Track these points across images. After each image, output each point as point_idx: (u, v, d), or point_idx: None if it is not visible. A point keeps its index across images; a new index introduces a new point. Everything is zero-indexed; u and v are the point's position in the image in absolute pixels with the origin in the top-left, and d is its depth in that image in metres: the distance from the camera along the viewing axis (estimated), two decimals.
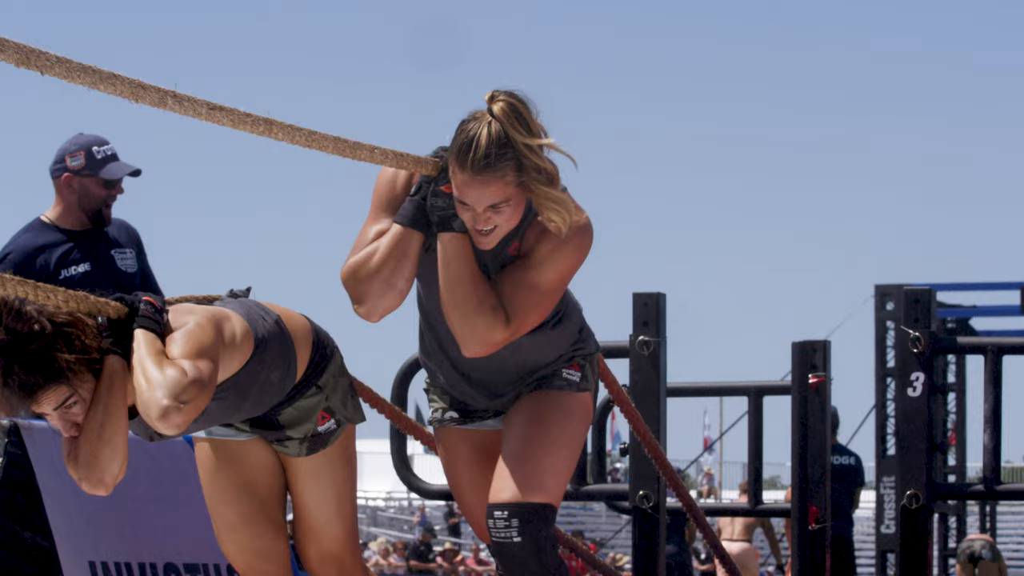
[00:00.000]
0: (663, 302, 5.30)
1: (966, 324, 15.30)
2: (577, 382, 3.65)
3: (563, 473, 3.54)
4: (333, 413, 3.61)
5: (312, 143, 3.15)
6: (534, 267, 3.45)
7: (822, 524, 5.58)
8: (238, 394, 3.44)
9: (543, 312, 3.49)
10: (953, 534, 15.14)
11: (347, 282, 3.47)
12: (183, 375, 3.15)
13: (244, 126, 3.00)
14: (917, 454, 5.26)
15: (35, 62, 2.56)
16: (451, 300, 3.42)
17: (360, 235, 3.50)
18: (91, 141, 5.06)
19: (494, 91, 3.37)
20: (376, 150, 3.31)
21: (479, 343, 3.43)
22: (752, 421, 5.99)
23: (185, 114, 2.88)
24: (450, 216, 3.41)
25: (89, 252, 5.02)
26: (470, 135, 3.33)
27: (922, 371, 5.20)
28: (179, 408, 3.11)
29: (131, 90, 2.74)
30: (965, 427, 14.12)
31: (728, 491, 29.75)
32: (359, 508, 30.83)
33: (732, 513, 8.53)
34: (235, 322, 3.38)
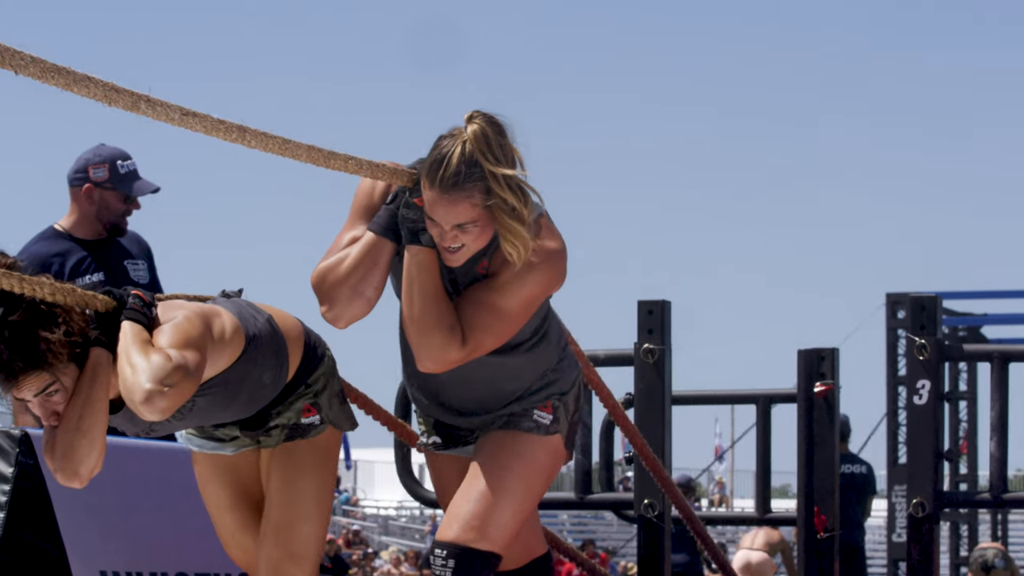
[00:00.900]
0: (668, 310, 5.29)
1: (978, 332, 15.27)
2: (547, 425, 3.59)
3: (515, 525, 3.52)
4: (319, 409, 3.59)
5: (286, 151, 3.14)
6: (497, 289, 3.41)
7: (831, 533, 5.57)
8: (228, 391, 3.43)
9: (503, 335, 3.45)
10: (965, 542, 15.11)
11: (316, 286, 3.47)
12: (167, 360, 3.14)
13: (217, 132, 2.99)
14: (923, 463, 5.26)
15: (9, 61, 2.55)
16: (409, 313, 3.42)
17: (335, 240, 3.49)
18: (115, 155, 5.09)
19: (473, 111, 3.36)
20: (351, 160, 3.31)
21: (432, 359, 3.41)
22: (760, 429, 5.98)
23: (158, 119, 2.87)
24: (420, 229, 3.40)
25: (103, 262, 5.04)
26: (442, 152, 3.33)
27: (928, 379, 5.19)
28: (163, 392, 3.09)
29: (104, 93, 2.74)
30: (977, 435, 14.10)
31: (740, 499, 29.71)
32: (370, 517, 30.73)
33: (741, 522, 8.52)
34: (225, 319, 3.38)
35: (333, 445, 3.66)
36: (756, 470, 6.05)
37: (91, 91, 2.71)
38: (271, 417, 3.59)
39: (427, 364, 3.43)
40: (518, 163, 3.35)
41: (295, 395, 3.58)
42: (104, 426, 3.22)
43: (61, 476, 3.23)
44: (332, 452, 3.66)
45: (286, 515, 3.58)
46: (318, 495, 3.59)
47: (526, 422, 3.57)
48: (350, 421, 3.69)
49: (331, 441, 3.64)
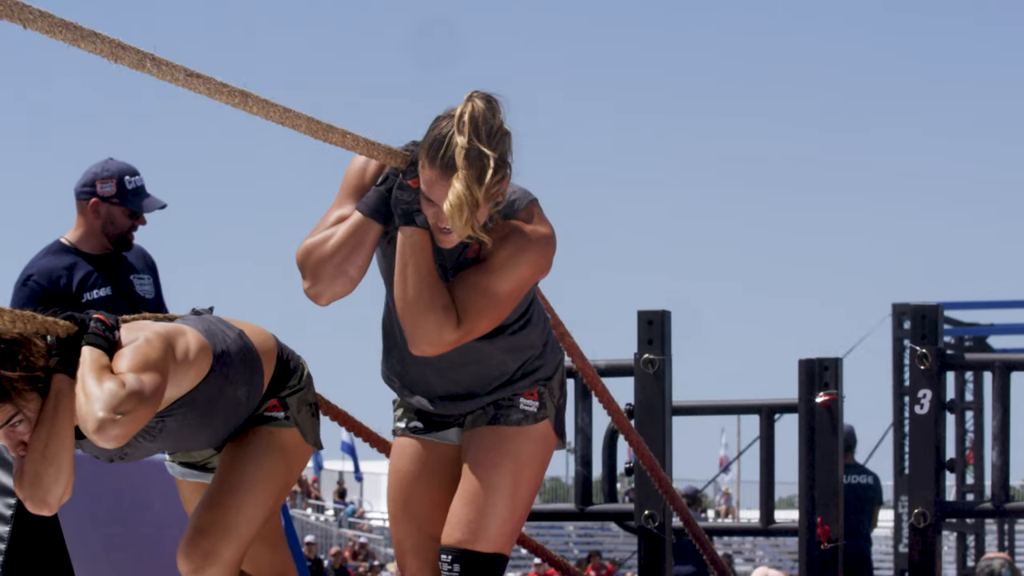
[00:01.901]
0: (668, 320, 5.28)
1: (983, 342, 15.25)
2: (534, 413, 3.60)
3: (513, 522, 3.53)
4: (285, 407, 3.56)
5: (285, 120, 3.13)
6: (491, 272, 3.42)
7: (835, 543, 5.56)
8: (198, 411, 3.41)
9: (496, 318, 3.46)
10: (972, 552, 15.07)
11: (300, 262, 3.47)
12: (121, 387, 3.13)
13: (220, 96, 2.97)
14: (925, 472, 5.25)
15: (19, 15, 2.54)
16: (403, 295, 3.41)
17: (323, 217, 3.50)
18: (123, 170, 5.08)
19: (473, 91, 3.36)
20: (348, 135, 3.31)
21: (427, 342, 3.41)
22: (764, 439, 5.97)
23: (163, 78, 2.84)
24: (414, 211, 3.40)
25: (109, 276, 5.03)
26: (442, 132, 3.33)
27: (929, 388, 5.19)
28: (115, 420, 3.08)
29: (111, 49, 2.72)
30: (983, 446, 14.08)
31: (746, 510, 29.66)
32: (376, 529, 30.61)
33: (745, 532, 8.50)
34: (190, 337, 3.37)
35: (297, 451, 3.57)
36: (760, 481, 6.04)
37: (97, 47, 2.69)
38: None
39: (422, 347, 3.43)
40: (507, 142, 3.35)
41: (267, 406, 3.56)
42: (70, 452, 3.21)
43: (30, 504, 3.21)
44: (289, 454, 3.56)
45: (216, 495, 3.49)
46: (256, 488, 3.48)
47: (514, 414, 3.58)
48: (316, 437, 3.63)
49: (295, 444, 3.57)
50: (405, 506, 3.69)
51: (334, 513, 29.28)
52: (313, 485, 29.97)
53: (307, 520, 26.39)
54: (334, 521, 28.45)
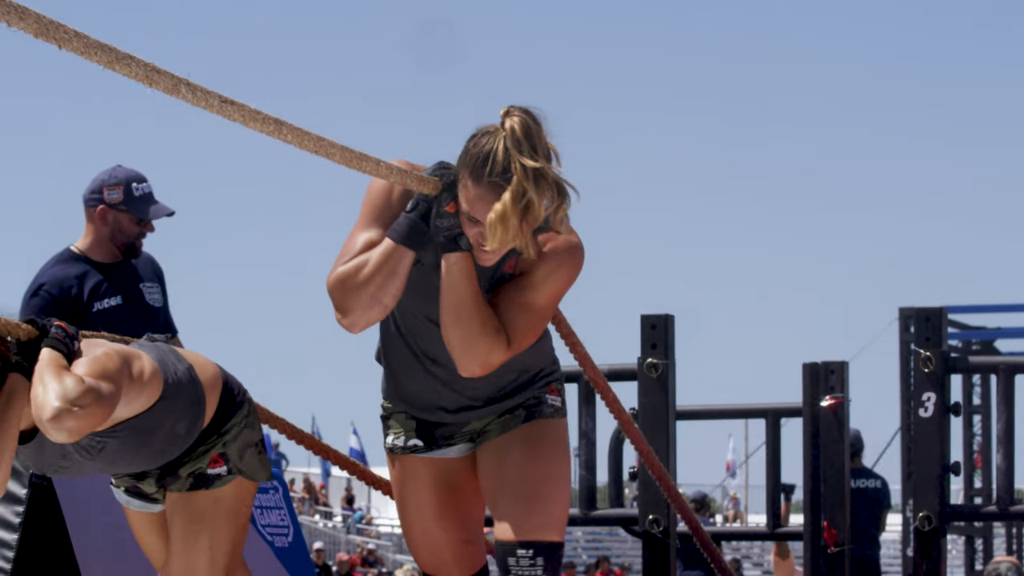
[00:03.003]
0: (672, 324, 5.28)
1: (990, 346, 15.24)
2: (560, 407, 3.65)
3: (567, 508, 3.59)
4: (227, 460, 3.58)
5: (319, 149, 3.09)
6: (531, 288, 3.44)
7: (841, 547, 5.55)
8: (139, 436, 3.43)
9: (538, 333, 3.51)
10: (980, 556, 15.05)
11: (333, 291, 3.43)
12: (80, 383, 3.14)
13: (255, 124, 2.93)
14: (930, 476, 5.25)
15: (54, 34, 2.50)
16: (454, 320, 3.40)
17: (348, 241, 3.46)
18: (131, 177, 5.06)
19: (509, 106, 3.34)
20: (381, 164, 3.27)
21: (478, 364, 3.42)
22: (770, 444, 5.95)
23: (197, 104, 2.80)
24: (456, 235, 3.39)
25: (120, 285, 5.01)
26: (485, 149, 3.30)
27: (933, 391, 5.18)
28: (71, 411, 3.09)
29: (146, 73, 2.67)
30: (991, 448, 14.03)
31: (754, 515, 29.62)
32: (385, 535, 30.62)
33: (752, 537, 8.49)
34: (145, 361, 3.39)
35: (243, 497, 3.62)
36: (766, 485, 6.02)
37: (132, 71, 2.65)
38: (182, 467, 3.59)
39: (473, 368, 3.43)
40: (554, 157, 3.33)
41: (207, 444, 3.57)
42: (11, 453, 3.22)
43: None
44: (239, 503, 3.63)
45: (182, 568, 3.58)
46: (216, 550, 3.57)
47: (546, 408, 3.61)
48: (262, 472, 3.65)
49: (240, 492, 3.61)
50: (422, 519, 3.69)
51: (342, 519, 29.28)
52: (321, 491, 29.98)
53: (315, 526, 26.39)
54: (342, 527, 28.45)
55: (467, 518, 3.70)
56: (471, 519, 3.71)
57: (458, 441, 3.68)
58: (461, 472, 3.68)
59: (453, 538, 3.67)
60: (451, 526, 3.67)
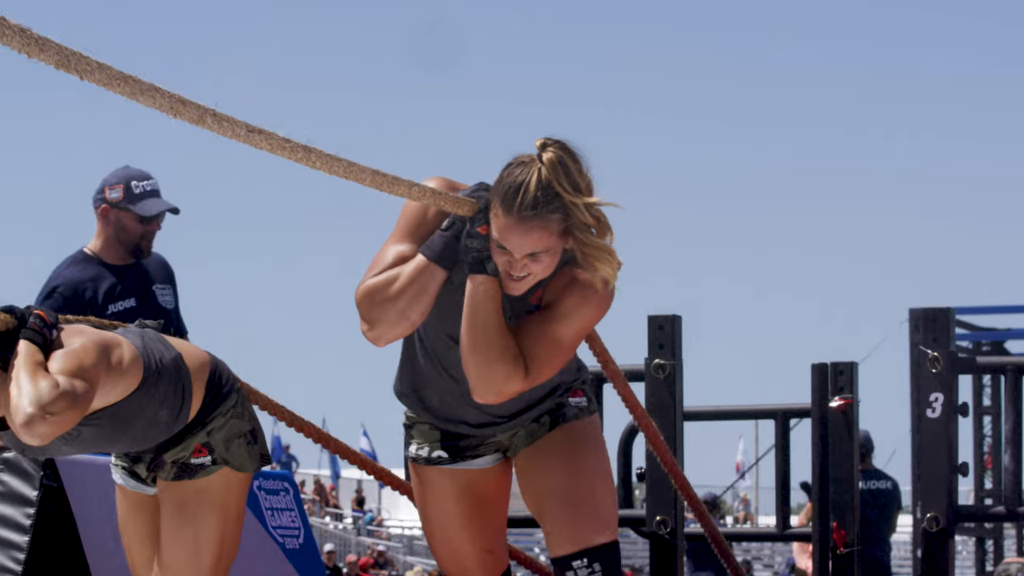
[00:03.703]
0: (679, 325, 5.27)
1: (1001, 347, 15.22)
2: (587, 406, 3.64)
3: (615, 502, 3.58)
4: (211, 450, 3.56)
5: (350, 174, 3.04)
6: (557, 320, 3.39)
7: (851, 548, 5.54)
8: (119, 424, 3.42)
9: (559, 366, 3.45)
10: (990, 557, 15.03)
11: (361, 303, 3.40)
12: (54, 388, 3.15)
13: (283, 152, 2.89)
14: (937, 477, 5.24)
15: (75, 66, 2.45)
16: (473, 344, 3.36)
17: (380, 253, 3.43)
18: (132, 175, 5.02)
19: (545, 139, 3.31)
20: (414, 187, 3.23)
21: (493, 391, 3.38)
22: (779, 445, 5.94)
23: (223, 134, 2.76)
24: (484, 258, 3.35)
25: (133, 288, 5.00)
26: (518, 180, 3.27)
27: (941, 392, 5.18)
28: (44, 418, 3.11)
29: (170, 104, 2.63)
30: (1001, 450, 14.01)
31: (765, 516, 29.59)
32: (395, 537, 30.61)
33: (762, 538, 8.48)
34: (125, 349, 3.38)
35: (231, 489, 3.59)
36: (775, 486, 6.01)
37: (157, 102, 2.60)
38: (167, 453, 3.58)
39: (486, 395, 3.39)
40: (591, 191, 3.30)
41: (192, 435, 3.56)
42: None
43: None
44: (228, 495, 3.60)
45: (168, 560, 3.58)
46: (200, 542, 3.56)
47: (569, 411, 3.60)
48: (256, 462, 3.63)
49: (228, 483, 3.59)
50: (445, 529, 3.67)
51: (352, 521, 29.29)
52: (331, 493, 30.00)
53: (325, 528, 26.40)
54: (352, 529, 28.47)
55: (490, 528, 3.68)
56: (494, 528, 3.69)
57: (484, 452, 3.67)
58: (486, 482, 3.67)
59: (476, 547, 3.65)
60: (474, 536, 3.65)
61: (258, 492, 5.11)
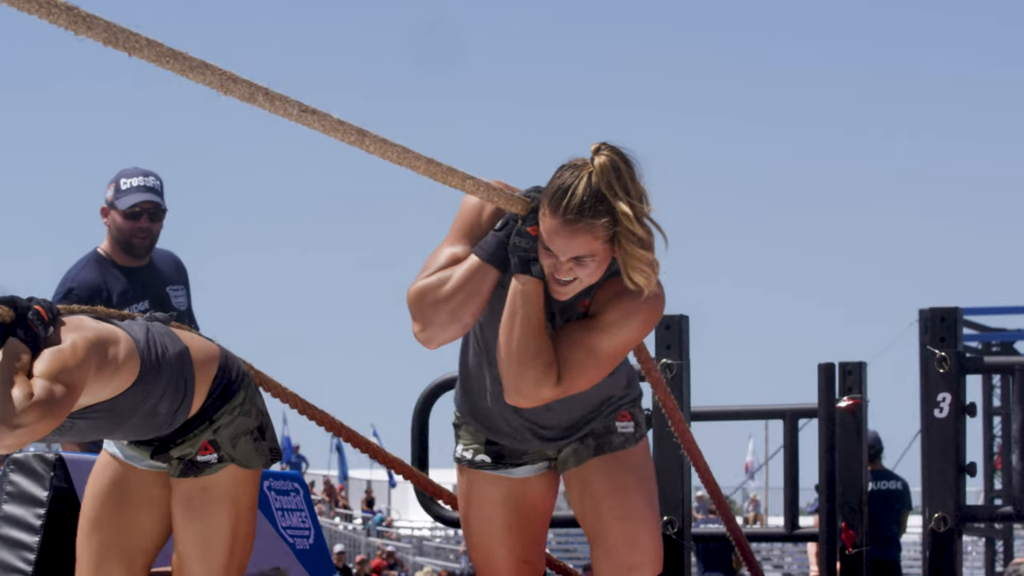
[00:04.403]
0: (686, 324, 5.28)
1: (1011, 347, 15.20)
2: (632, 433, 3.60)
3: (659, 533, 3.58)
4: (217, 447, 3.55)
5: (403, 160, 2.99)
6: (599, 331, 3.35)
7: (859, 549, 5.54)
8: (114, 417, 3.41)
9: (596, 377, 3.40)
10: (1000, 558, 15.01)
11: (413, 303, 3.37)
12: (27, 399, 3.13)
13: (335, 133, 2.82)
14: (945, 477, 5.23)
15: (124, 43, 2.41)
16: (508, 344, 3.33)
17: (433, 255, 3.41)
18: (125, 172, 4.98)
19: (600, 143, 3.28)
20: (468, 179, 3.19)
21: (524, 395, 3.35)
22: (788, 445, 5.94)
23: (275, 113, 2.70)
24: (531, 259, 3.32)
25: (146, 289, 4.98)
26: (567, 183, 3.25)
27: (949, 392, 5.17)
28: (13, 431, 3.11)
29: (221, 82, 2.57)
30: (1011, 450, 13.97)
31: (774, 517, 29.55)
32: (405, 538, 30.58)
33: (769, 538, 8.48)
34: (121, 345, 3.35)
35: (241, 483, 3.58)
36: (784, 486, 6.01)
37: (207, 78, 2.55)
38: (173, 448, 3.57)
39: (516, 398, 3.37)
40: (644, 201, 3.27)
41: (199, 429, 3.55)
42: None
43: None
44: (236, 489, 3.58)
45: (181, 555, 3.58)
46: (209, 539, 3.54)
47: (615, 439, 3.57)
48: (264, 458, 3.61)
49: (236, 479, 3.57)
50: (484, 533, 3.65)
51: (362, 522, 29.30)
52: (340, 493, 30.00)
53: (335, 529, 26.41)
54: (362, 530, 28.48)
55: (529, 538, 3.65)
56: (532, 539, 3.66)
57: (528, 461, 3.64)
58: (529, 491, 3.64)
59: (512, 557, 3.63)
60: (512, 544, 3.63)
61: (268, 492, 5.12)
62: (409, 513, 31.47)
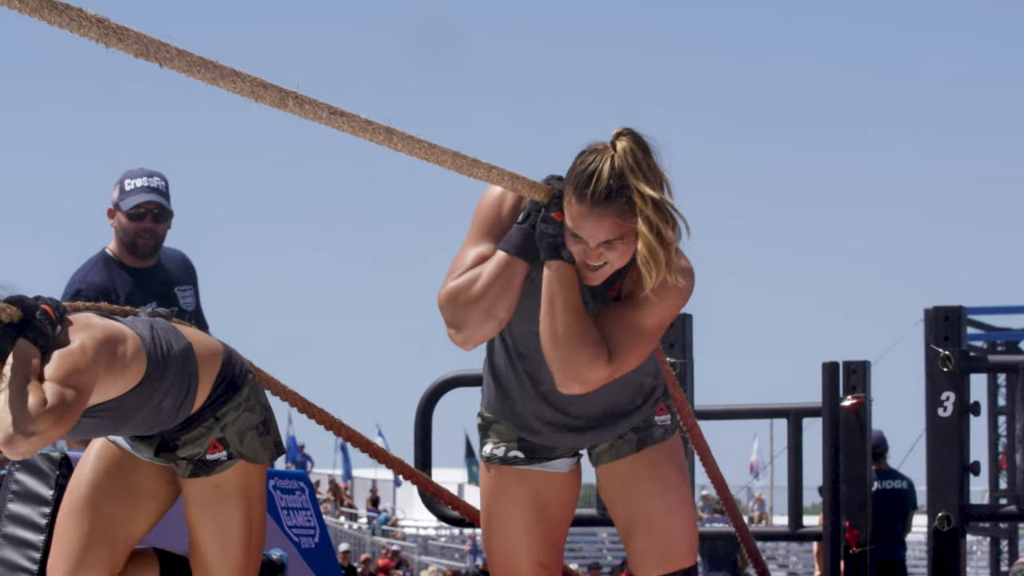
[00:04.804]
0: (690, 323, 5.29)
1: (1016, 347, 15.20)
2: (669, 425, 3.63)
3: (695, 526, 3.61)
4: (226, 445, 3.58)
5: (431, 156, 3.03)
6: (638, 307, 3.35)
7: (863, 548, 5.55)
8: (120, 415, 3.43)
9: (643, 354, 3.39)
10: (1005, 557, 15.01)
11: (445, 307, 3.35)
12: (40, 405, 3.14)
13: (364, 134, 2.85)
14: (948, 476, 5.24)
15: (155, 54, 2.43)
16: (552, 331, 3.32)
17: (458, 257, 3.39)
18: (130, 173, 4.99)
19: (622, 128, 3.28)
20: (493, 169, 3.20)
21: (578, 379, 3.33)
22: (792, 444, 5.94)
23: (305, 117, 2.73)
24: (560, 244, 3.32)
25: (154, 291, 4.98)
26: (591, 168, 3.24)
27: (952, 391, 5.18)
28: (27, 439, 3.12)
29: (252, 88, 2.59)
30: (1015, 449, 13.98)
31: (780, 516, 29.53)
32: (410, 537, 30.57)
33: (773, 537, 8.48)
34: (129, 343, 3.37)
35: (251, 477, 3.63)
36: (788, 485, 6.00)
37: (238, 86, 2.57)
38: (178, 447, 3.59)
39: (572, 384, 3.34)
40: (665, 186, 3.27)
41: (204, 426, 3.57)
42: None
43: None
44: (253, 484, 3.64)
45: (200, 553, 3.62)
46: (233, 534, 3.60)
47: (656, 432, 3.59)
48: (270, 452, 3.65)
49: (246, 474, 3.62)
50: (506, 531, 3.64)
51: (367, 521, 29.32)
52: (345, 492, 30.02)
53: (340, 528, 26.43)
54: (367, 529, 28.50)
55: (550, 540, 3.65)
56: (553, 541, 3.65)
57: (560, 455, 3.64)
58: (555, 489, 3.65)
59: (531, 559, 3.62)
60: (533, 545, 3.62)
61: (274, 491, 5.13)
62: (414, 512, 31.48)
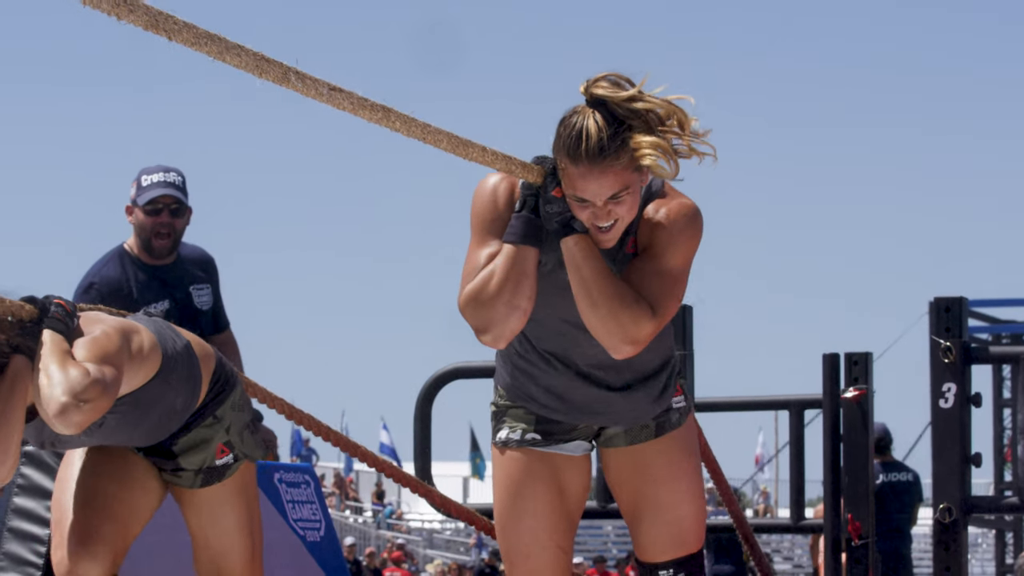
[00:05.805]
0: (690, 315, 5.28)
1: (1020, 339, 15.19)
2: (684, 407, 3.65)
3: (705, 511, 3.64)
4: (232, 448, 3.64)
5: (427, 136, 3.07)
6: (660, 254, 3.37)
7: (865, 540, 5.55)
8: (139, 412, 3.45)
9: (679, 297, 3.41)
10: (1010, 550, 15.01)
11: (467, 312, 3.36)
12: (85, 375, 3.16)
13: (362, 112, 2.90)
14: (950, 468, 5.24)
15: (163, 26, 2.48)
16: (590, 301, 3.32)
17: (468, 262, 3.40)
18: (147, 169, 5.00)
19: (587, 80, 3.31)
20: (487, 151, 3.23)
21: (627, 339, 3.33)
22: (794, 435, 5.93)
23: (306, 93, 2.77)
24: (569, 219, 3.33)
25: (169, 289, 4.98)
26: (577, 127, 3.26)
27: (954, 382, 5.18)
28: (78, 406, 3.12)
29: (255, 63, 2.64)
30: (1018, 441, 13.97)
31: (784, 509, 29.52)
32: (415, 531, 30.55)
33: (775, 529, 8.47)
34: (144, 335, 3.41)
35: (247, 472, 3.72)
36: (790, 477, 6.01)
37: (242, 60, 2.62)
38: (176, 454, 3.63)
39: (622, 347, 3.34)
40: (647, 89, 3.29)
41: (204, 426, 3.61)
42: (18, 436, 3.23)
43: None
44: (249, 478, 3.72)
45: (212, 554, 3.69)
46: (240, 529, 3.69)
47: (673, 416, 3.61)
48: (258, 450, 3.74)
49: (242, 471, 3.71)
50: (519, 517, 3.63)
51: (372, 514, 29.35)
52: (350, 485, 30.04)
53: (345, 521, 26.45)
54: (372, 523, 28.52)
55: (566, 522, 3.65)
56: (568, 525, 3.66)
57: (576, 437, 3.65)
58: (571, 472, 3.65)
59: (552, 542, 3.61)
60: (550, 528, 3.61)
61: (279, 485, 5.14)
62: (419, 506, 31.50)
